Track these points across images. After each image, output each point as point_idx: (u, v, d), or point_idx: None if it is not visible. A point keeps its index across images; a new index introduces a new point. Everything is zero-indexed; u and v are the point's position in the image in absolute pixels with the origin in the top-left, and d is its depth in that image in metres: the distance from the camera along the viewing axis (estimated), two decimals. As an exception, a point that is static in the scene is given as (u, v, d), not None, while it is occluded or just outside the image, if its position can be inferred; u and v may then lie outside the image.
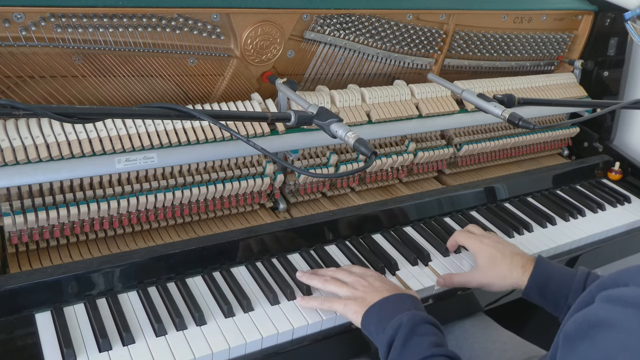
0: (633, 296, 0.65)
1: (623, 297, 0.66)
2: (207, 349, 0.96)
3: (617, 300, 0.66)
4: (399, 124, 1.42)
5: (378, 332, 0.96)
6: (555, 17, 1.74)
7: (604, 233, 1.50)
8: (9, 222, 1.03)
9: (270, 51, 1.29)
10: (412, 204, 1.39)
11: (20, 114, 0.77)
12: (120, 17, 1.10)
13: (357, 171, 1.11)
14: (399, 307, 0.97)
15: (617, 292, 0.67)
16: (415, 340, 0.91)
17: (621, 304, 0.66)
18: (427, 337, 0.91)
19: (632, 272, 0.69)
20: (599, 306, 0.68)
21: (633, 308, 0.64)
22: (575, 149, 1.91)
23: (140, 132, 1.11)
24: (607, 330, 0.65)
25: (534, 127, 1.17)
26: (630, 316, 0.64)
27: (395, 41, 1.47)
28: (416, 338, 0.91)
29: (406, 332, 0.91)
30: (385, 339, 0.93)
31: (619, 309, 0.65)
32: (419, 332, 0.92)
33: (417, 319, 0.93)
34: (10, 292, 0.96)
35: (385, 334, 0.93)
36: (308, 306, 1.07)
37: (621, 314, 0.65)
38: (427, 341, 0.90)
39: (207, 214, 1.28)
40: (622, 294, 0.67)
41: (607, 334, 0.65)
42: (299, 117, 1.01)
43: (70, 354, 0.91)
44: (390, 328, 0.93)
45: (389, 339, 0.92)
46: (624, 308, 0.65)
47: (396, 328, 0.92)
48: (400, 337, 0.91)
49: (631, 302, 0.65)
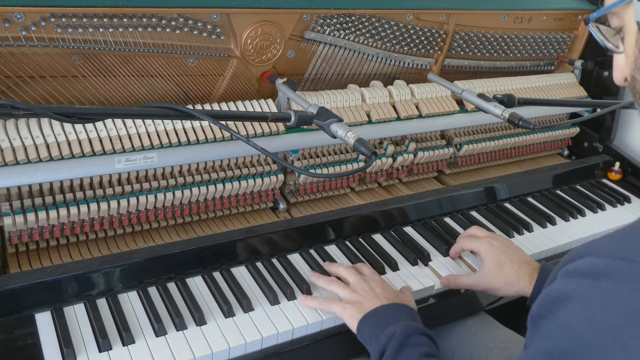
0: (588, 266, 0.66)
1: (579, 268, 0.67)
2: (207, 349, 0.96)
3: (574, 273, 0.67)
4: (399, 124, 1.42)
5: (372, 339, 0.96)
6: (555, 17, 1.74)
7: (603, 233, 1.50)
8: (9, 222, 1.03)
9: (270, 51, 1.29)
10: (412, 204, 1.39)
11: (20, 114, 0.77)
12: (120, 17, 1.10)
13: (357, 171, 1.11)
14: (394, 317, 0.98)
15: (574, 265, 0.68)
16: (407, 350, 0.91)
17: (577, 275, 0.67)
18: (418, 347, 0.92)
19: (589, 246, 0.70)
20: (559, 281, 0.69)
21: (588, 278, 0.65)
22: (575, 149, 1.91)
23: (140, 132, 1.11)
24: (566, 302, 0.66)
25: (534, 127, 1.17)
26: (586, 286, 0.65)
27: (395, 41, 1.47)
28: (408, 348, 0.92)
29: (398, 342, 0.92)
30: (377, 347, 0.94)
31: (576, 281, 0.67)
32: (411, 342, 0.92)
33: (411, 330, 0.94)
34: (10, 292, 0.96)
35: (378, 342, 0.94)
36: (310, 305, 1.07)
37: (578, 285, 0.66)
38: (418, 352, 0.91)
39: (207, 214, 1.28)
40: (578, 265, 0.67)
41: (566, 306, 0.66)
42: (299, 117, 1.01)
43: (70, 354, 0.91)
44: (384, 337, 0.94)
45: (381, 348, 0.93)
46: (581, 279, 0.66)
47: (389, 337, 0.93)
48: (392, 347, 0.92)
49: (586, 272, 0.66)
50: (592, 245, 0.70)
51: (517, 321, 1.25)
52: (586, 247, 0.70)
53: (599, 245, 0.69)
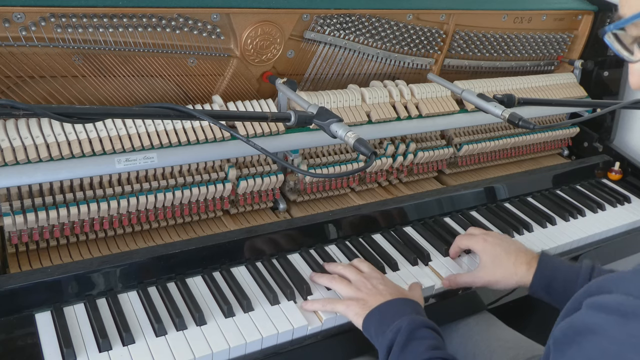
0: (615, 304, 0.67)
1: (606, 304, 0.68)
2: (207, 349, 0.96)
3: (601, 307, 0.69)
4: (399, 124, 1.42)
5: (378, 335, 0.97)
6: (555, 17, 1.74)
7: (604, 233, 1.50)
8: (9, 222, 1.03)
9: (270, 51, 1.29)
10: (412, 204, 1.39)
11: (20, 114, 0.77)
12: (120, 17, 1.10)
13: (357, 171, 1.11)
14: (399, 312, 0.99)
15: (601, 299, 0.69)
16: (414, 343, 0.92)
17: (605, 310, 0.68)
18: (425, 340, 0.93)
19: (615, 279, 0.71)
20: (585, 312, 0.71)
21: (615, 315, 0.66)
22: (575, 149, 1.91)
23: (140, 132, 1.11)
24: (591, 336, 0.67)
25: (534, 127, 1.17)
26: (613, 323, 0.66)
27: (395, 41, 1.47)
28: (415, 342, 0.92)
29: (405, 336, 0.93)
30: (384, 342, 0.95)
31: (602, 316, 0.68)
32: (417, 336, 0.93)
33: (417, 323, 0.95)
34: (10, 292, 0.96)
35: (384, 337, 0.95)
36: (311, 309, 1.07)
37: (604, 320, 0.67)
38: (425, 344, 0.92)
39: (207, 214, 1.28)
40: (605, 301, 0.69)
41: (592, 340, 0.67)
42: (299, 117, 1.01)
43: (70, 354, 0.91)
44: (390, 332, 0.94)
45: (388, 343, 0.94)
46: (607, 315, 0.67)
47: (395, 332, 0.94)
48: (399, 342, 0.93)
49: (613, 310, 0.67)
50: (620, 280, 0.71)
51: (521, 321, 1.26)
52: (614, 280, 0.71)
53: (629, 281, 0.69)
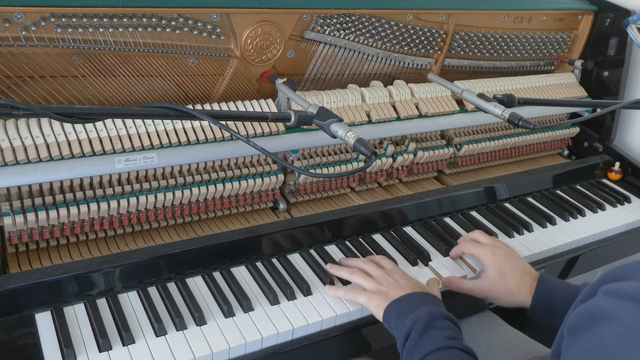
0: (632, 290, 0.67)
1: (622, 290, 0.68)
2: (207, 349, 0.96)
3: (617, 293, 0.68)
4: (399, 124, 1.42)
5: (397, 325, 0.99)
6: (555, 17, 1.74)
7: (604, 233, 1.50)
8: (9, 222, 1.03)
9: (270, 51, 1.29)
10: (412, 204, 1.39)
11: (20, 114, 0.77)
12: (120, 17, 1.10)
13: (357, 171, 1.11)
14: (419, 303, 1.01)
15: (617, 286, 0.69)
16: (431, 332, 0.95)
17: (620, 297, 0.67)
18: (442, 330, 0.95)
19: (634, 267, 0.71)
20: (600, 299, 0.70)
21: (632, 301, 0.66)
22: (575, 149, 1.91)
23: (140, 132, 1.11)
24: (606, 322, 0.67)
25: (534, 127, 1.17)
26: (628, 309, 0.66)
27: (395, 41, 1.47)
28: (432, 331, 0.95)
29: (423, 325, 0.95)
30: (403, 331, 0.97)
31: (618, 302, 0.67)
32: (435, 325, 0.96)
33: (435, 314, 0.97)
34: (10, 292, 0.96)
35: (403, 326, 0.97)
36: (335, 295, 1.10)
37: (620, 306, 0.67)
38: (442, 334, 0.94)
39: (207, 214, 1.28)
40: (622, 287, 0.68)
41: (606, 325, 0.67)
42: (299, 117, 1.01)
43: (70, 354, 0.91)
44: (409, 321, 0.97)
45: (406, 332, 0.96)
46: (623, 301, 0.67)
47: (414, 321, 0.96)
48: (417, 330, 0.95)
49: (630, 296, 0.66)
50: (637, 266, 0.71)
51: (523, 321, 1.25)
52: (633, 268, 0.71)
53: None
